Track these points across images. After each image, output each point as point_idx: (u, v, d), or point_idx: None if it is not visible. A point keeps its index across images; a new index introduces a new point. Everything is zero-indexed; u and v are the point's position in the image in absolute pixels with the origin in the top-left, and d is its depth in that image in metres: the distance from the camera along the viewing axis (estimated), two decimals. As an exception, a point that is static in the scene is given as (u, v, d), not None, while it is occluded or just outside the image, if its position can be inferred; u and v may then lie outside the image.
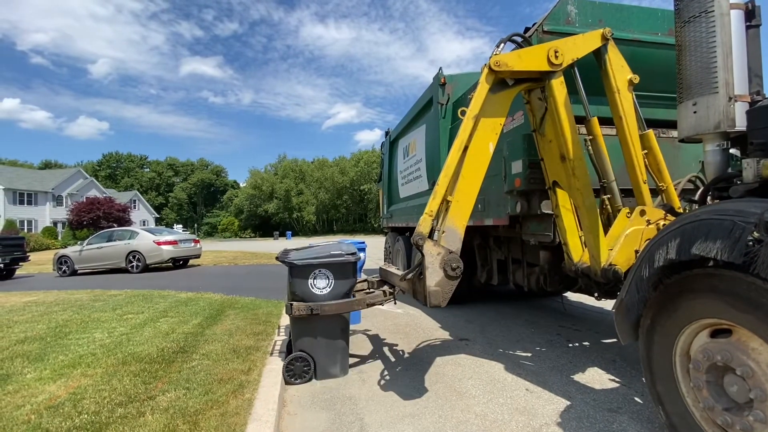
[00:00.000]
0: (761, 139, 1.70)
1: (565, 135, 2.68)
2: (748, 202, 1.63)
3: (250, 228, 68.70)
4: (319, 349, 3.23)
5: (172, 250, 12.54)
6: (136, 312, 5.52)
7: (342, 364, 3.32)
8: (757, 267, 1.46)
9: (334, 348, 3.27)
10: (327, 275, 3.29)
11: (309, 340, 3.22)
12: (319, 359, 3.23)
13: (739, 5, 1.87)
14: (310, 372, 3.18)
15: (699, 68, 1.88)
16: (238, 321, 4.80)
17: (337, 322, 3.27)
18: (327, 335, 3.24)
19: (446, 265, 2.59)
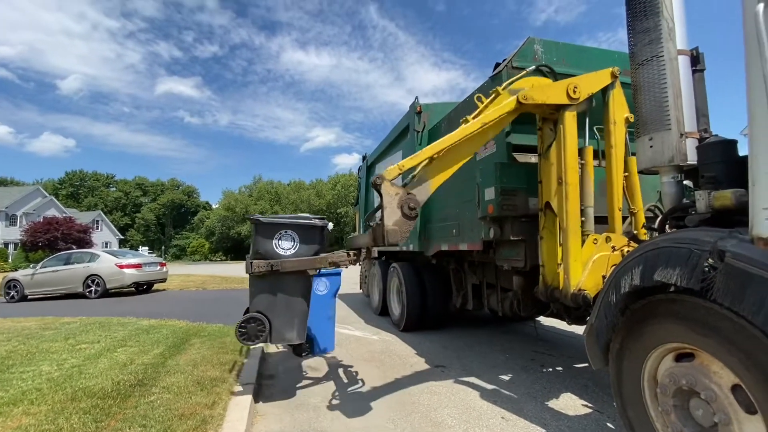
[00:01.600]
0: (710, 172, 1.83)
1: (566, 161, 2.87)
2: (703, 231, 1.73)
3: (221, 251, 66.61)
4: (276, 312, 3.02)
5: (136, 273, 11.91)
6: (91, 341, 5.15)
7: (299, 330, 3.10)
8: (713, 293, 1.54)
9: (292, 312, 3.06)
10: (293, 237, 3.11)
11: (267, 301, 3.01)
12: (276, 322, 3.02)
13: (685, 52, 2.05)
14: (264, 334, 2.96)
15: (653, 107, 2.03)
16: (203, 350, 4.56)
17: (298, 283, 3.08)
18: (286, 296, 3.04)
19: (404, 205, 2.65)
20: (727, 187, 1.75)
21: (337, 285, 4.67)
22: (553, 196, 2.98)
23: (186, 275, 20.91)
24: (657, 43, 2.04)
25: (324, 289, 4.53)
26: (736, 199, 1.68)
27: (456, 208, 4.47)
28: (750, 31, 1.52)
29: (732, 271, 1.48)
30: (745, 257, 1.46)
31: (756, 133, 1.52)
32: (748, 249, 1.50)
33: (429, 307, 5.65)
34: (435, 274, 5.73)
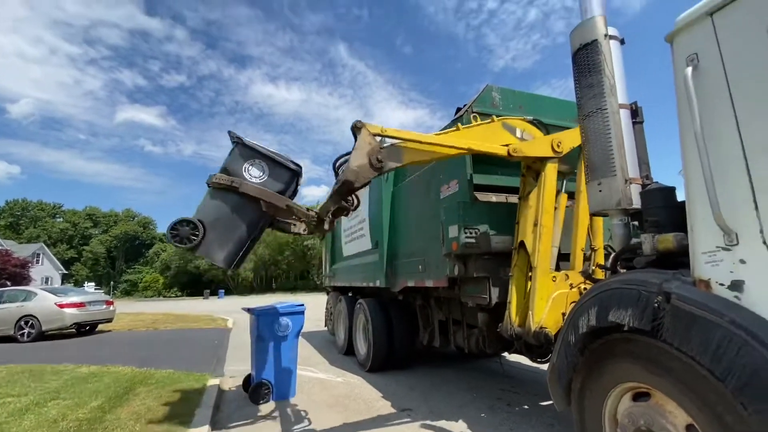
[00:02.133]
0: (653, 217, 1.97)
1: (544, 206, 3.07)
2: (650, 273, 1.83)
3: (177, 286, 62.81)
4: (215, 227, 2.99)
5: (78, 313, 10.88)
6: (18, 394, 4.56)
7: (228, 256, 3.03)
8: (662, 333, 1.61)
9: (230, 234, 3.04)
10: (263, 168, 3.12)
11: (212, 213, 3.01)
12: (210, 236, 2.97)
13: (625, 106, 2.25)
14: (195, 241, 2.91)
15: (600, 155, 2.19)
16: (149, 401, 4.15)
17: (247, 211, 3.05)
18: (231, 218, 3.03)
19: (372, 155, 2.76)
20: (669, 231, 1.87)
21: (300, 324, 4.49)
22: (528, 237, 3.12)
23: (136, 314, 19.40)
24: (601, 97, 2.23)
25: (285, 330, 4.33)
26: (677, 243, 1.80)
27: (422, 244, 4.51)
28: (680, 90, 1.70)
29: (678, 313, 1.56)
30: (689, 299, 1.55)
31: (691, 184, 1.66)
32: (691, 291, 1.59)
33: (396, 345, 5.53)
34: (402, 310, 5.66)
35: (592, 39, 2.29)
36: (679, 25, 1.74)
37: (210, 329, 12.00)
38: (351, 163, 2.76)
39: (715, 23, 1.62)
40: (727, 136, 1.55)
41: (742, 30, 1.53)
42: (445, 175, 4.03)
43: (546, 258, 3.01)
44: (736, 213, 1.50)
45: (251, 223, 3.08)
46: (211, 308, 23.65)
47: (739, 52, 1.54)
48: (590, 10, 2.37)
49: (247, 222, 3.05)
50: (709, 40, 1.63)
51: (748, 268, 1.46)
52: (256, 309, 4.47)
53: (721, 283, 1.54)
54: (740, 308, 1.45)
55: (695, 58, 1.67)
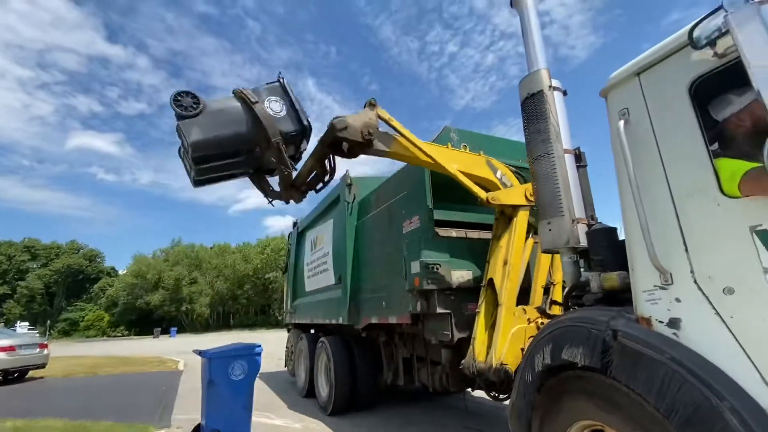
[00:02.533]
0: (598, 256, 2.08)
1: (514, 247, 3.19)
2: (598, 311, 1.91)
3: (124, 324, 57.84)
4: (212, 119, 3.14)
5: (6, 359, 9.67)
6: None
7: (209, 141, 3.08)
8: (612, 370, 1.66)
9: (223, 128, 3.15)
10: (281, 103, 3.41)
11: (216, 109, 3.23)
12: (203, 120, 3.13)
13: (569, 151, 2.43)
14: (193, 113, 3.09)
15: (548, 196, 2.32)
16: (80, 461, 3.69)
17: (245, 119, 3.20)
18: (227, 118, 3.19)
19: (367, 127, 3.06)
20: (613, 269, 1.98)
21: (256, 367, 4.23)
22: (497, 274, 3.19)
23: (74, 357, 17.57)
24: (547, 142, 2.40)
25: (240, 374, 4.06)
26: (621, 281, 1.90)
27: (385, 280, 4.48)
28: (615, 141, 1.86)
29: (624, 350, 1.62)
30: (634, 336, 1.62)
31: (628, 227, 1.78)
32: (635, 328, 1.67)
33: (359, 385, 5.33)
34: (365, 348, 5.51)
35: (538, 90, 2.48)
36: (611, 83, 1.93)
37: (158, 372, 11.06)
38: (347, 119, 3.01)
39: (641, 82, 1.81)
40: (657, 183, 1.69)
41: (664, 88, 1.72)
42: (408, 211, 4.09)
43: (512, 296, 3.08)
44: (669, 254, 1.61)
45: (241, 138, 3.16)
46: (161, 348, 21.91)
47: (663, 107, 1.72)
48: (536, 64, 2.59)
49: (240, 135, 3.14)
50: (637, 96, 1.82)
51: (683, 307, 1.56)
52: (208, 351, 4.18)
53: (660, 320, 1.62)
54: (679, 345, 1.53)
55: (626, 112, 1.84)
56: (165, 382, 9.16)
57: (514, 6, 2.81)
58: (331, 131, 3.00)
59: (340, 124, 2.97)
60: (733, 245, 1.43)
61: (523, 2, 2.72)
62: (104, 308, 60.72)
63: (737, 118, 1.69)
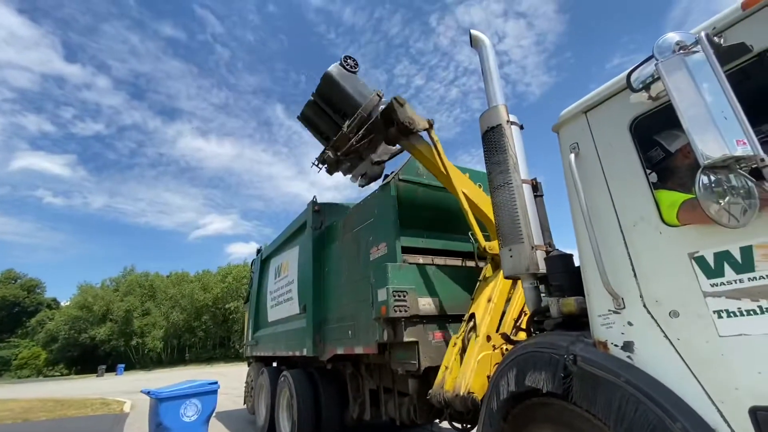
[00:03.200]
0: (557, 281, 2.16)
1: (501, 288, 3.28)
2: (558, 336, 1.96)
3: (64, 362, 52.41)
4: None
5: None
6: None
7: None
8: (573, 396, 1.69)
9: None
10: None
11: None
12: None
13: (527, 181, 2.55)
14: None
15: (508, 223, 2.41)
16: None
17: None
18: None
19: (415, 121, 3.61)
20: (571, 294, 2.06)
21: (211, 406, 3.96)
22: (480, 309, 3.22)
23: (2, 401, 15.61)
24: (506, 173, 2.51)
25: (193, 414, 3.77)
26: (578, 306, 1.97)
27: (352, 308, 4.39)
28: (567, 173, 1.98)
29: (584, 375, 1.66)
30: (591, 360, 1.67)
31: (582, 253, 1.87)
32: (592, 352, 1.72)
33: (324, 422, 5.07)
34: (330, 381, 5.30)
35: (497, 123, 2.62)
36: (562, 119, 2.08)
37: (100, 416, 10.02)
38: (407, 105, 3.60)
39: (588, 119, 1.96)
40: (606, 213, 1.81)
41: (608, 125, 1.87)
42: (375, 237, 4.09)
43: (490, 330, 3.12)
44: (620, 280, 1.70)
45: (351, 102, 4.15)
46: (105, 388, 19.98)
47: (608, 142, 1.87)
48: (494, 100, 2.74)
49: (353, 99, 4.14)
50: (585, 132, 1.96)
51: (635, 330, 1.64)
52: (157, 391, 3.86)
53: (615, 344, 1.69)
54: (633, 368, 1.59)
55: (576, 147, 1.98)
56: (108, 427, 8.31)
57: (474, 46, 3.00)
58: (390, 101, 3.61)
59: (400, 100, 3.56)
60: (676, 271, 1.53)
61: (482, 43, 2.92)
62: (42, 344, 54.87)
63: (673, 154, 1.86)
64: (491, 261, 3.65)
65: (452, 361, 3.17)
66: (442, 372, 3.17)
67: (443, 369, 3.17)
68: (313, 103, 4.62)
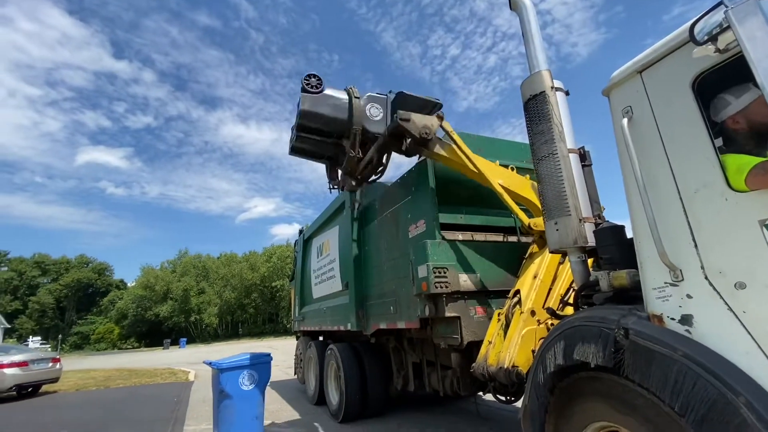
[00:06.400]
0: (607, 254, 2.07)
1: (547, 265, 3.22)
2: (608, 309, 1.90)
3: (134, 336, 58.14)
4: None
5: (20, 374, 9.78)
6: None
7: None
8: (625, 370, 1.64)
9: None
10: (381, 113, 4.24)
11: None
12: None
13: (574, 150, 2.42)
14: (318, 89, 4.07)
15: (554, 196, 2.32)
16: (95, 474, 3.70)
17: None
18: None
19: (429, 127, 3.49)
20: (623, 267, 1.97)
21: (266, 376, 4.25)
22: (525, 286, 3.20)
23: (86, 370, 17.68)
24: (551, 143, 2.40)
25: (250, 384, 4.07)
26: (630, 279, 1.88)
27: (393, 285, 4.47)
28: (620, 139, 1.86)
29: (637, 348, 1.61)
30: (646, 334, 1.61)
31: (636, 224, 1.78)
32: (646, 326, 1.65)
33: (370, 392, 5.30)
34: (375, 354, 5.49)
35: (540, 91, 2.49)
36: (614, 81, 1.93)
37: (169, 384, 11.09)
38: (412, 115, 3.41)
39: (644, 79, 1.81)
40: (663, 180, 1.69)
41: (667, 85, 1.72)
42: (413, 215, 4.10)
43: (537, 306, 3.08)
44: (678, 250, 1.60)
45: (336, 122, 3.95)
46: (171, 360, 21.97)
47: (667, 104, 1.72)
48: (537, 65, 2.59)
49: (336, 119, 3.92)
50: (639, 94, 1.82)
51: (694, 303, 1.55)
52: (218, 362, 4.20)
53: (672, 317, 1.61)
54: (692, 342, 1.52)
55: (629, 110, 1.84)
56: (176, 393, 9.19)
57: (513, 9, 2.83)
58: (395, 122, 3.38)
59: (403, 116, 3.34)
60: (743, 239, 1.42)
61: (522, 4, 2.74)
62: (114, 321, 61.12)
63: (741, 113, 1.69)
64: (538, 238, 3.55)
65: (495, 335, 3.17)
66: (485, 346, 3.18)
67: (486, 343, 3.18)
68: (300, 138, 4.51)
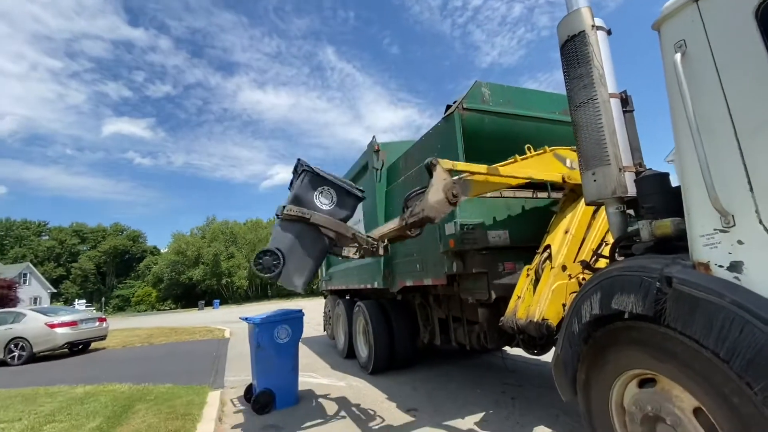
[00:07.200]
0: (649, 203, 1.98)
1: (580, 219, 3.17)
2: (649, 259, 1.85)
3: (170, 298, 61.89)
4: (292, 255, 3.07)
5: (70, 332, 10.66)
6: (11, 419, 4.44)
7: (306, 281, 3.18)
8: (665, 318, 1.62)
9: (306, 262, 3.15)
10: (332, 196, 3.31)
11: (288, 243, 3.09)
12: (290, 264, 3.05)
13: (615, 95, 2.27)
14: (277, 270, 2.99)
15: (592, 145, 2.21)
16: (150, 417, 4.07)
17: (318, 239, 3.20)
18: (305, 246, 3.13)
19: (448, 191, 2.95)
20: (665, 216, 1.89)
21: (299, 330, 4.45)
22: (556, 241, 3.16)
23: (130, 329, 19.07)
24: (590, 87, 2.25)
25: (285, 337, 4.29)
26: (674, 227, 1.81)
27: (419, 243, 4.49)
28: (671, 77, 1.72)
29: (680, 297, 1.57)
30: (691, 282, 1.56)
31: (685, 168, 1.68)
32: (692, 274, 1.60)
33: (397, 346, 5.51)
34: (401, 310, 5.65)
35: (580, 30, 2.30)
36: (666, 13, 1.76)
37: (207, 341, 11.85)
38: (429, 199, 2.91)
39: (700, 9, 1.64)
40: (718, 120, 1.57)
41: (727, 14, 1.55)
42: (438, 173, 4.02)
43: (568, 261, 3.04)
44: (732, 195, 1.51)
45: (322, 248, 3.28)
46: (207, 319, 23.37)
47: (726, 36, 1.56)
48: (576, 2, 2.38)
49: (318, 248, 3.24)
50: (695, 25, 1.65)
51: (746, 249, 1.48)
52: (253, 318, 4.42)
53: (720, 264, 1.55)
54: (740, 288, 1.46)
55: (683, 44, 1.68)
56: (214, 348, 9.84)
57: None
58: (425, 221, 2.99)
59: (432, 213, 2.92)
60: (809, 180, 1.31)
61: (560, -67, 2.49)
62: (151, 284, 64.97)
63: None
64: (569, 192, 3.45)
65: (525, 290, 3.17)
66: (513, 301, 3.20)
67: (515, 298, 3.20)
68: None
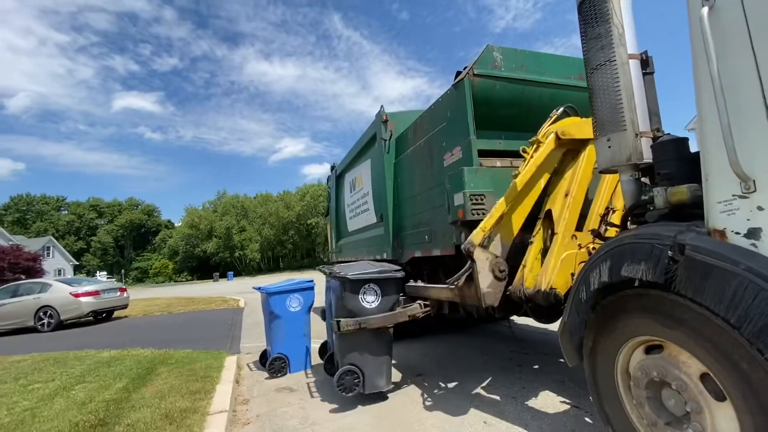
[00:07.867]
0: (666, 169, 1.92)
1: (579, 181, 3.09)
2: (662, 226, 1.81)
3: (186, 270, 63.81)
4: (367, 363, 3.40)
5: (94, 301, 11.15)
6: (45, 380, 4.73)
7: (387, 376, 3.50)
8: (676, 285, 1.60)
9: (380, 361, 3.44)
10: (376, 291, 3.53)
11: (358, 354, 3.40)
12: (367, 372, 3.38)
13: (635, 56, 2.15)
14: (359, 385, 3.33)
15: (608, 109, 2.12)
16: (171, 379, 4.29)
17: (382, 336, 3.49)
18: (373, 348, 3.43)
19: (495, 268, 2.94)
20: (682, 183, 1.83)
21: (310, 299, 4.56)
22: (557, 205, 3.11)
23: (149, 299, 19.82)
24: (609, 48, 2.13)
25: (297, 306, 4.40)
26: (690, 194, 1.76)
27: (428, 215, 4.49)
28: (696, 33, 1.61)
29: (692, 264, 1.54)
30: (704, 249, 1.53)
31: (706, 131, 1.60)
32: (706, 241, 1.57)
33: (406, 315, 5.61)
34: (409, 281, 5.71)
35: (599, -14, 2.16)
36: (694, -38, 1.63)
37: (223, 310, 12.28)
38: (481, 286, 2.88)
39: (732, -43, 1.51)
40: (745, 79, 1.48)
41: (761, -37, 1.43)
42: (448, 143, 3.95)
43: (570, 227, 3.00)
44: (754, 159, 1.45)
45: (388, 341, 3.58)
46: (222, 290, 24.10)
47: (759, -13, 1.44)
48: (596, -45, 2.22)
49: (384, 342, 3.53)
50: (726, -24, 1.53)
51: (765, 215, 1.43)
52: (266, 287, 4.54)
53: (736, 231, 1.51)
54: (758, 256, 1.43)
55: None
56: (230, 317, 10.20)
57: None
58: (487, 307, 3.04)
59: (491, 300, 2.92)
60: (839, 141, 1.24)
61: None
62: (168, 257, 66.92)
63: None
64: (566, 150, 3.31)
65: (531, 260, 3.16)
66: (521, 270, 3.20)
67: (522, 267, 3.20)
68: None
